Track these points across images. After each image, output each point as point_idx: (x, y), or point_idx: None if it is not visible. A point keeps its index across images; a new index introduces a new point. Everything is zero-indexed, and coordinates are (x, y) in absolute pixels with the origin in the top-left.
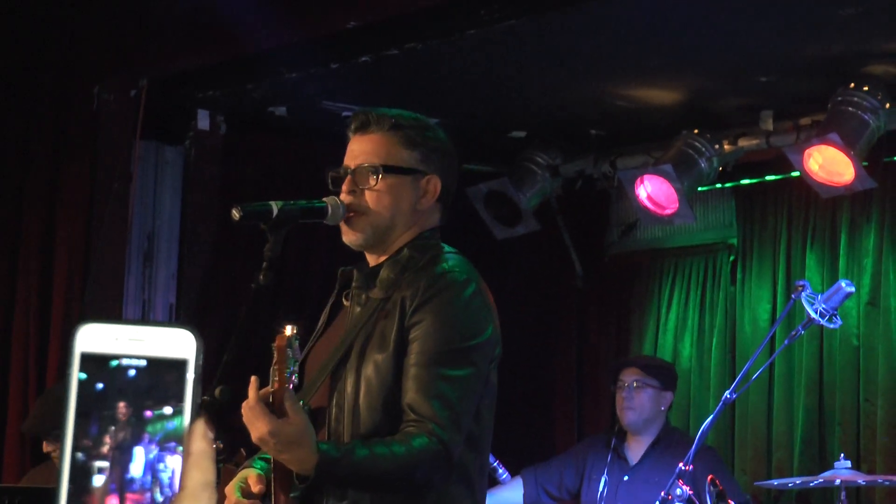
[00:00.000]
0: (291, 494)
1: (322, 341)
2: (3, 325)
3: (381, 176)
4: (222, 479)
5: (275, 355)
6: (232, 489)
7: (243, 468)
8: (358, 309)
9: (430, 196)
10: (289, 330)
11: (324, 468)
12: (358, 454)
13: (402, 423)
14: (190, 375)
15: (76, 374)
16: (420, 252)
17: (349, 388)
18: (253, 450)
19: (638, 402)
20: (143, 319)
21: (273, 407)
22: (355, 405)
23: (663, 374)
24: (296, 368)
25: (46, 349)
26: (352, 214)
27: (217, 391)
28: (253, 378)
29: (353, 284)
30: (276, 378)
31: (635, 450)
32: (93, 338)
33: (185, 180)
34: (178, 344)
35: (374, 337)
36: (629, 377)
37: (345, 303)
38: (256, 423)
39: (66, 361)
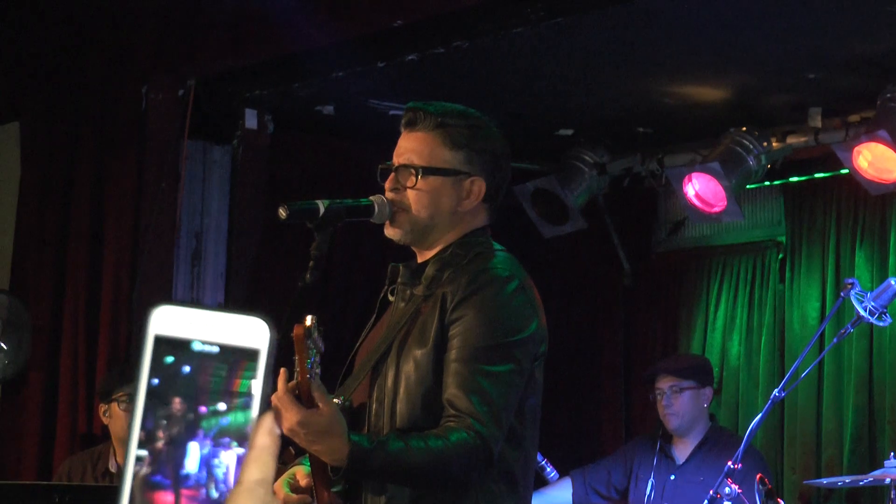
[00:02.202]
0: (333, 490)
1: (370, 337)
2: (52, 325)
3: (420, 176)
4: None
5: (294, 346)
6: (280, 485)
7: (292, 466)
8: (402, 305)
9: (474, 198)
10: (308, 320)
11: (356, 458)
12: (392, 446)
13: (441, 419)
14: (262, 366)
15: (149, 355)
16: (465, 249)
17: (389, 383)
18: (301, 448)
19: (679, 406)
20: (219, 305)
21: (302, 398)
22: (394, 401)
23: (698, 373)
24: (317, 359)
25: (95, 349)
26: (395, 210)
27: None
28: (282, 370)
29: (399, 280)
30: (298, 369)
31: (682, 449)
32: (167, 321)
33: (232, 179)
34: (252, 333)
35: (414, 332)
36: (665, 384)
37: (390, 298)
38: (286, 415)
39: (138, 345)
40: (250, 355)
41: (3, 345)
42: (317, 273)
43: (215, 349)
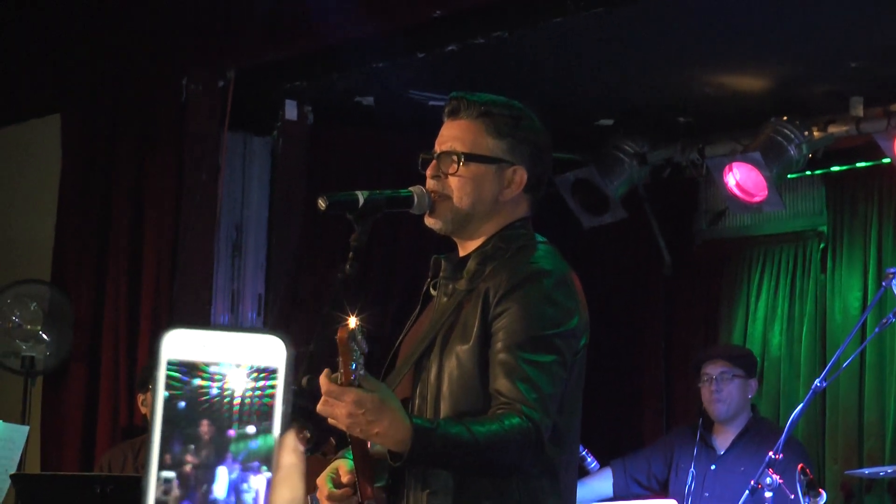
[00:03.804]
0: (377, 484)
1: (412, 331)
2: (93, 317)
3: (462, 163)
4: (311, 469)
5: (338, 348)
6: (324, 480)
7: (334, 459)
8: (444, 299)
9: (515, 187)
10: (352, 322)
11: (420, 437)
12: (452, 428)
13: (490, 408)
14: (280, 385)
15: (162, 381)
16: (507, 243)
17: (432, 378)
18: (342, 439)
19: (727, 393)
20: (232, 325)
21: None
22: (437, 397)
23: (748, 363)
24: (361, 360)
25: (136, 341)
26: (435, 199)
27: (304, 380)
28: (326, 370)
29: (441, 274)
30: (342, 370)
31: (723, 439)
32: (179, 344)
33: (272, 171)
34: (268, 352)
35: (457, 328)
36: (716, 369)
37: (432, 292)
38: (340, 402)
39: (153, 367)
40: (268, 374)
41: (45, 336)
42: (356, 264)
43: (231, 369)
